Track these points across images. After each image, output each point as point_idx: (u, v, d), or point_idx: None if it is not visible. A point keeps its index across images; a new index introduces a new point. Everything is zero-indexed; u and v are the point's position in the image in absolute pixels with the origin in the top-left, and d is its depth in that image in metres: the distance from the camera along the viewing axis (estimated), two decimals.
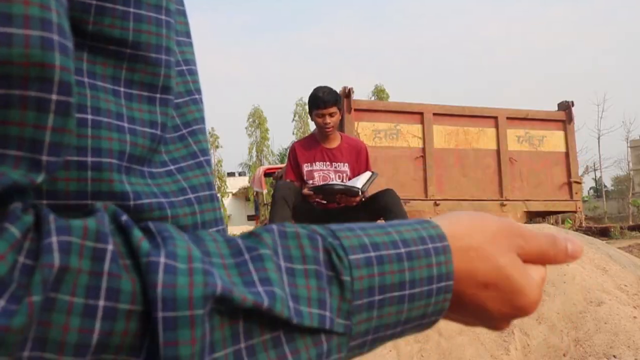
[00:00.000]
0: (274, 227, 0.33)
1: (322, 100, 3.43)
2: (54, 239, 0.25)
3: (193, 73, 0.45)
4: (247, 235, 0.33)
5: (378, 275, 0.32)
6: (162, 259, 0.27)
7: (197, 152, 0.42)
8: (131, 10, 0.35)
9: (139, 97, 0.37)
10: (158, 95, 0.38)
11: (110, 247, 0.26)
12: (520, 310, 0.37)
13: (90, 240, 0.26)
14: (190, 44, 0.47)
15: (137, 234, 0.28)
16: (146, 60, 0.36)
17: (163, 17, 0.37)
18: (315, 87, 3.57)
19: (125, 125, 0.35)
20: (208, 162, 0.43)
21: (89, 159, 0.33)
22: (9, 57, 0.25)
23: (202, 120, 0.44)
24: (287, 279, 0.31)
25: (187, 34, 0.46)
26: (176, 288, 0.26)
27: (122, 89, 0.36)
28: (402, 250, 0.33)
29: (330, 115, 3.48)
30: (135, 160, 0.36)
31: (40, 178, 0.27)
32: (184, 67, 0.44)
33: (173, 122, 0.41)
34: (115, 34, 0.35)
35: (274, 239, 0.32)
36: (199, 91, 0.45)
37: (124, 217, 0.29)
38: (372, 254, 0.32)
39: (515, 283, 0.36)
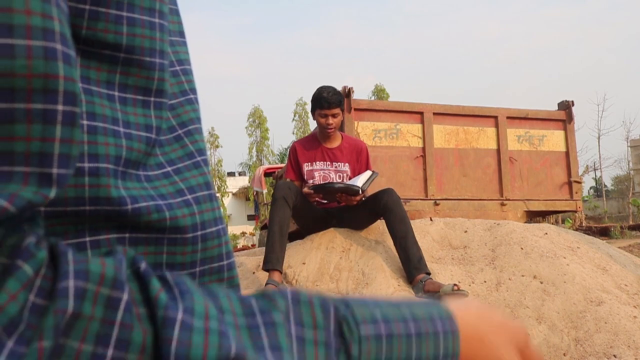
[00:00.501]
0: (288, 292, 0.33)
1: (326, 101, 3.42)
2: (70, 284, 0.25)
3: (187, 73, 0.45)
4: (260, 296, 0.33)
5: (386, 351, 0.32)
6: (180, 315, 0.27)
7: (194, 152, 0.42)
8: (124, 14, 0.35)
9: (133, 101, 0.37)
10: (152, 99, 0.38)
11: (125, 296, 0.26)
12: None
13: (107, 287, 0.26)
14: (184, 44, 0.47)
15: (155, 284, 0.28)
16: (140, 64, 0.36)
17: (156, 20, 0.37)
18: (319, 86, 3.56)
19: (121, 129, 0.35)
20: (205, 161, 0.43)
21: (86, 165, 0.32)
22: (12, 69, 0.24)
23: (197, 120, 0.44)
24: (296, 346, 0.31)
25: (181, 34, 0.46)
26: (191, 347, 0.26)
27: (116, 94, 0.36)
28: (412, 327, 0.34)
29: (333, 116, 3.48)
30: (131, 165, 0.35)
31: (52, 193, 0.27)
32: (178, 67, 0.44)
33: (168, 124, 0.41)
34: (109, 38, 0.34)
35: (287, 304, 0.32)
36: (193, 91, 0.45)
37: (143, 265, 0.29)
38: (383, 329, 0.32)
39: None
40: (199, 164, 0.42)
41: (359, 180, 3.36)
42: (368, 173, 3.45)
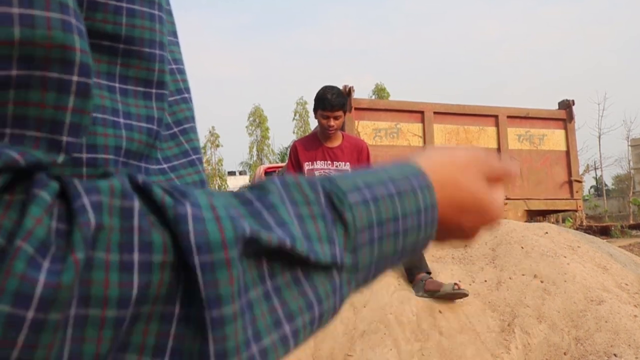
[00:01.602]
0: (276, 179, 0.34)
1: (329, 103, 3.42)
2: (85, 200, 0.26)
3: (182, 72, 0.45)
4: (251, 187, 0.34)
5: (375, 212, 0.34)
6: (189, 210, 0.27)
7: (189, 150, 0.42)
8: (124, 5, 0.35)
9: (134, 93, 0.37)
10: (154, 90, 0.38)
11: (137, 203, 0.27)
12: (488, 223, 0.44)
13: (118, 198, 0.27)
14: (177, 44, 0.47)
15: (158, 191, 0.28)
16: (140, 55, 0.36)
17: (156, 12, 0.37)
18: (324, 86, 3.56)
19: (121, 121, 0.35)
20: (200, 160, 0.43)
21: (84, 155, 0.33)
22: (32, 38, 0.25)
23: (192, 118, 0.44)
24: (297, 222, 0.32)
25: (174, 34, 0.46)
26: (208, 234, 0.27)
27: (117, 85, 0.36)
28: (393, 188, 0.36)
29: (335, 118, 3.48)
30: (132, 156, 0.36)
31: (60, 159, 0.28)
32: (174, 66, 0.44)
33: (165, 120, 0.41)
34: (108, 29, 0.34)
35: (278, 188, 0.33)
36: (188, 90, 0.45)
37: (141, 178, 0.29)
38: (367, 193, 0.34)
39: (485, 204, 0.42)
40: (194, 162, 0.42)
41: None
42: None
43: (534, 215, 7.33)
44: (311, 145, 3.64)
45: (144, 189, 0.29)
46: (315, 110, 3.57)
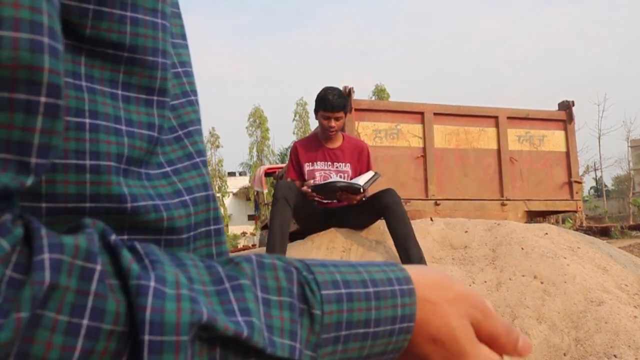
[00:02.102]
0: (253, 257, 0.34)
1: (330, 104, 3.42)
2: (46, 256, 0.25)
3: (189, 75, 0.46)
4: (226, 262, 0.34)
5: (347, 312, 0.33)
6: (152, 283, 0.27)
7: (193, 153, 0.43)
8: (128, 14, 0.35)
9: (136, 100, 0.37)
10: (155, 98, 0.38)
11: (98, 267, 0.27)
12: None
13: (80, 259, 0.26)
14: (186, 46, 0.47)
15: (126, 255, 0.28)
16: (143, 63, 0.37)
17: (159, 20, 0.38)
18: (325, 86, 3.56)
19: (123, 128, 0.35)
20: (204, 162, 0.44)
21: (88, 162, 0.33)
22: None
23: (198, 121, 0.45)
24: (263, 309, 0.32)
25: (183, 36, 0.47)
26: (164, 313, 0.27)
27: (119, 92, 0.36)
28: (371, 289, 0.35)
29: (336, 118, 3.48)
30: (133, 162, 0.36)
31: (29, 181, 0.27)
32: (180, 69, 0.45)
33: (169, 124, 0.41)
34: (112, 37, 0.35)
35: (253, 269, 0.33)
36: (194, 92, 0.46)
37: (113, 237, 0.29)
38: (343, 290, 0.34)
39: (462, 348, 0.38)
40: (198, 165, 0.42)
41: (361, 180, 3.37)
42: (370, 173, 3.46)
43: (534, 216, 7.33)
44: (312, 146, 3.64)
45: (114, 250, 0.29)
46: (316, 111, 3.57)
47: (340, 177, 3.57)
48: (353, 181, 3.39)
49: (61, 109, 0.28)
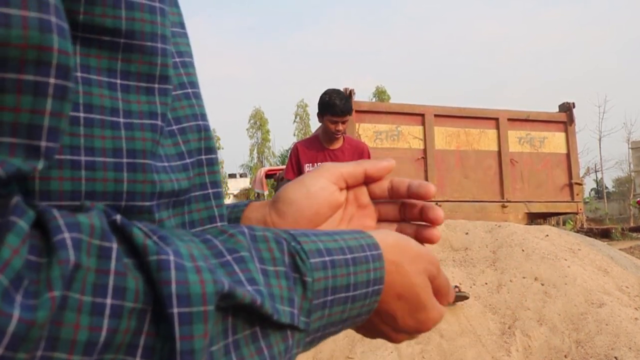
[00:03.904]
0: (245, 230, 0.34)
1: (339, 109, 3.43)
2: (66, 235, 0.25)
3: (187, 65, 0.43)
4: (219, 233, 0.34)
5: (332, 278, 0.35)
6: (172, 257, 0.27)
7: (185, 153, 0.41)
8: None
9: (136, 89, 0.35)
10: (156, 86, 0.36)
11: (114, 245, 0.27)
12: (420, 323, 0.43)
13: (97, 238, 0.26)
14: (185, 35, 0.45)
15: (138, 232, 0.28)
16: (142, 49, 0.35)
17: (157, 4, 0.36)
18: (329, 90, 3.55)
19: (121, 120, 0.34)
20: (200, 162, 0.42)
21: (83, 158, 0.32)
22: (7, 38, 0.24)
23: (193, 116, 0.42)
24: (263, 279, 0.32)
25: (181, 25, 0.45)
26: (189, 285, 0.27)
27: (118, 81, 0.34)
28: (349, 256, 0.37)
29: (343, 123, 3.49)
30: (137, 155, 0.35)
31: (40, 165, 0.26)
32: (177, 59, 0.42)
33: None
34: (107, 23, 0.33)
35: (248, 241, 0.33)
36: (193, 84, 0.43)
37: (117, 216, 0.29)
38: (327, 258, 0.35)
39: (422, 300, 0.42)
40: (187, 167, 0.40)
41: None
42: None
43: (534, 218, 7.33)
44: (312, 146, 3.65)
45: (123, 230, 0.28)
46: (321, 114, 3.57)
47: None
48: None
49: (70, 91, 0.27)
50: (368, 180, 0.52)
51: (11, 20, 0.24)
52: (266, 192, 11.16)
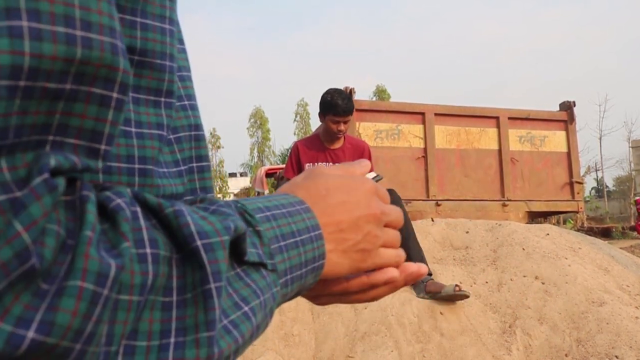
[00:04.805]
0: (207, 205, 0.40)
1: (342, 109, 3.42)
2: (120, 201, 0.31)
3: (184, 79, 0.48)
4: (197, 200, 0.41)
5: (277, 227, 0.40)
6: (183, 207, 0.33)
7: (179, 161, 0.45)
8: (138, 19, 0.38)
9: (145, 102, 0.39)
10: (163, 99, 0.41)
11: (139, 208, 0.32)
12: (365, 252, 0.47)
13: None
14: (184, 50, 0.49)
15: (151, 197, 0.33)
16: (152, 66, 0.39)
17: (167, 26, 0.40)
18: (331, 89, 3.54)
19: (133, 130, 0.38)
20: (191, 170, 0.46)
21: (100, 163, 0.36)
22: (89, 58, 0.28)
23: (188, 127, 0.46)
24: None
25: (180, 41, 0.49)
26: (203, 225, 0.33)
27: (130, 94, 0.38)
28: (284, 210, 0.42)
29: (345, 122, 3.49)
30: (147, 162, 0.38)
31: (100, 164, 0.32)
32: (177, 74, 0.46)
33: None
34: (124, 42, 0.37)
35: (212, 208, 0.39)
36: (189, 97, 0.48)
37: (130, 189, 0.34)
38: (268, 213, 0.41)
39: (358, 216, 0.47)
40: (182, 174, 0.44)
41: None
42: (372, 174, 3.44)
43: (535, 217, 7.33)
44: (313, 145, 3.64)
45: (137, 196, 0.33)
46: (323, 114, 3.56)
47: None
48: None
49: (126, 104, 0.32)
50: None
51: (93, 43, 0.29)
52: (266, 191, 11.15)
